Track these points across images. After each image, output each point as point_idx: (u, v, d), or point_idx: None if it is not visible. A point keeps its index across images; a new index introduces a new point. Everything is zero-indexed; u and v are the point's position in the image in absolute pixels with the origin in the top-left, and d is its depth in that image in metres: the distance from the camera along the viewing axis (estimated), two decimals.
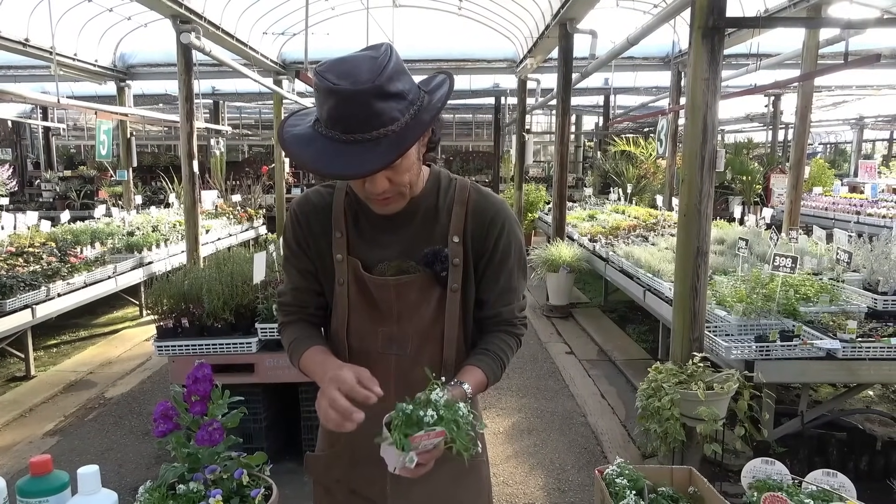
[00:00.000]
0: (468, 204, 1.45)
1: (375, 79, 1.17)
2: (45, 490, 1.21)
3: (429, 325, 1.43)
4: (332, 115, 1.19)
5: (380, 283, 1.42)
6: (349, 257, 1.44)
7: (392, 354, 1.44)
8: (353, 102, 1.17)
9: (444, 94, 1.28)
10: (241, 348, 3.67)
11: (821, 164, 13.72)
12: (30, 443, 4.22)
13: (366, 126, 1.18)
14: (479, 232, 1.44)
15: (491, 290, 1.47)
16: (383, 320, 1.44)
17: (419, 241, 1.43)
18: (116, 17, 9.24)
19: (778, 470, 1.51)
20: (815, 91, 7.03)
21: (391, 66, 1.20)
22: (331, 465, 1.54)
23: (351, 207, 1.47)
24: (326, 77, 1.18)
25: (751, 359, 3.46)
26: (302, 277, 1.51)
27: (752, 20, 3.67)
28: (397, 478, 1.39)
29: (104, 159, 9.64)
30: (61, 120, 17.15)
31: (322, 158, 1.20)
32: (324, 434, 1.59)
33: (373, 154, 1.18)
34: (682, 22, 8.83)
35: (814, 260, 4.87)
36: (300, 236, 1.49)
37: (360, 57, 1.23)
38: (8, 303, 4.94)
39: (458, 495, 1.50)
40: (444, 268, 1.40)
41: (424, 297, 1.43)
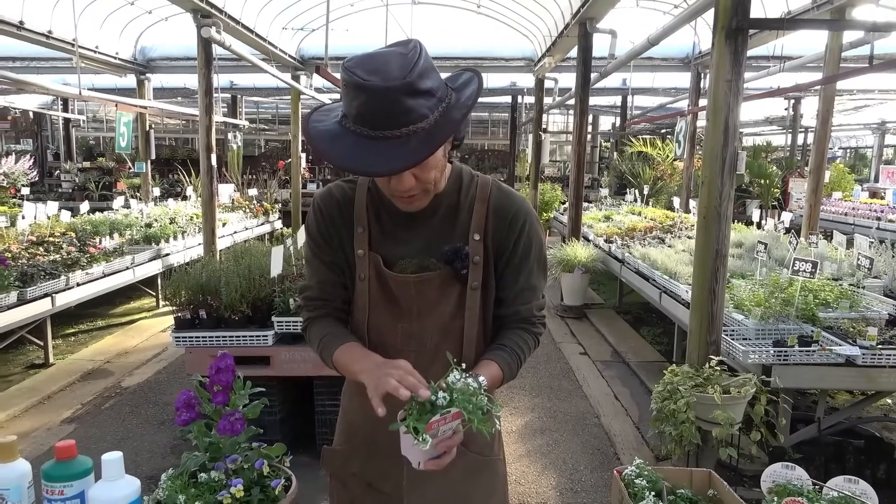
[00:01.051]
0: (489, 201, 1.44)
1: (406, 76, 1.16)
2: (69, 475, 1.23)
3: (448, 321, 1.43)
4: (361, 112, 1.18)
5: (400, 280, 1.42)
6: (370, 253, 1.44)
7: (411, 351, 1.43)
8: (383, 99, 1.16)
9: (473, 91, 1.27)
10: (258, 341, 3.70)
11: (841, 169, 13.55)
12: (48, 429, 4.28)
13: (395, 123, 1.17)
14: (500, 230, 1.43)
15: (510, 288, 1.47)
16: (403, 316, 1.44)
17: (440, 238, 1.42)
18: (138, 10, 9.33)
19: (798, 475, 1.49)
20: (836, 94, 6.93)
21: (421, 63, 1.19)
22: (348, 458, 1.55)
23: (373, 203, 1.47)
24: (356, 73, 1.17)
25: (768, 363, 3.43)
26: (329, 270, 1.50)
27: (776, 22, 3.63)
28: (413, 473, 1.40)
29: (124, 151, 9.74)
30: (81, 112, 17.32)
31: (350, 155, 1.20)
32: (342, 428, 1.59)
33: (402, 151, 1.18)
34: (704, 23, 8.77)
35: (834, 265, 4.82)
36: (324, 229, 1.49)
37: (390, 53, 1.22)
38: (29, 291, 5.00)
39: (472, 492, 1.50)
40: (464, 265, 1.40)
41: (444, 295, 1.42)
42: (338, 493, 1.59)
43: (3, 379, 5.27)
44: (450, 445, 1.18)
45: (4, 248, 5.80)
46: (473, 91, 1.27)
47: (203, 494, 1.23)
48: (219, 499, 1.22)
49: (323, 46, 8.05)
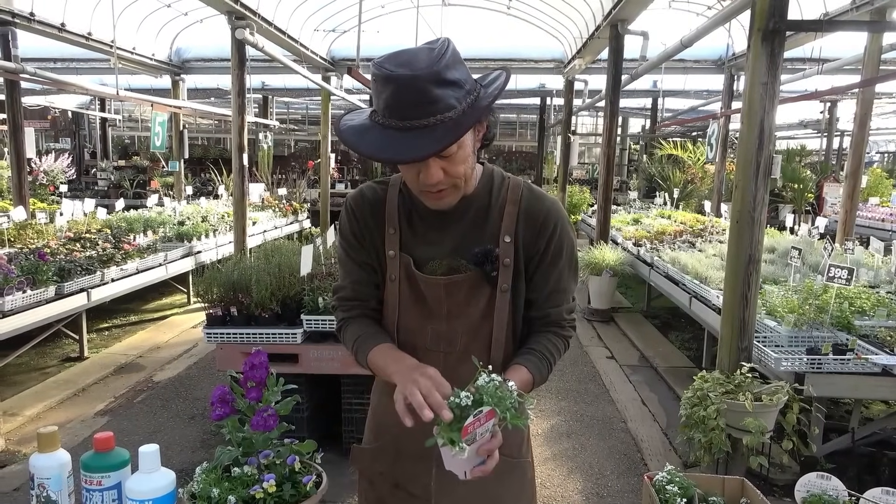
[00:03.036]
0: (521, 203, 1.44)
1: (433, 65, 1.19)
2: (107, 466, 1.26)
3: (477, 323, 1.43)
4: (389, 103, 1.21)
5: (430, 281, 1.42)
6: (401, 254, 1.45)
7: (440, 351, 1.44)
8: (410, 88, 1.18)
9: (500, 83, 1.29)
10: (287, 338, 3.74)
11: (878, 174, 13.22)
12: (82, 421, 4.38)
13: (423, 112, 1.19)
14: (530, 232, 1.43)
15: (541, 291, 1.46)
16: (433, 317, 1.44)
17: (470, 239, 1.42)
18: (174, 12, 9.51)
19: (834, 486, 1.47)
20: (874, 97, 6.78)
21: (448, 55, 1.22)
22: (376, 457, 1.55)
23: (404, 204, 1.47)
24: (384, 66, 1.20)
25: (801, 371, 3.36)
26: (363, 270, 1.51)
27: (815, 23, 3.56)
28: (442, 475, 1.39)
29: (158, 150, 9.93)
30: (117, 111, 17.72)
31: (377, 145, 1.23)
32: (371, 427, 1.60)
33: (428, 139, 1.20)
34: (738, 24, 8.63)
35: (870, 272, 4.71)
36: (357, 230, 1.50)
37: (418, 48, 1.26)
38: (66, 286, 5.13)
39: (502, 494, 1.49)
40: (494, 267, 1.40)
41: (473, 296, 1.42)
42: (365, 492, 1.60)
43: (39, 371, 5.42)
44: (490, 449, 1.17)
45: (43, 244, 5.96)
46: (500, 83, 1.29)
47: (236, 488, 1.25)
48: (251, 493, 1.24)
49: (353, 48, 8.12)
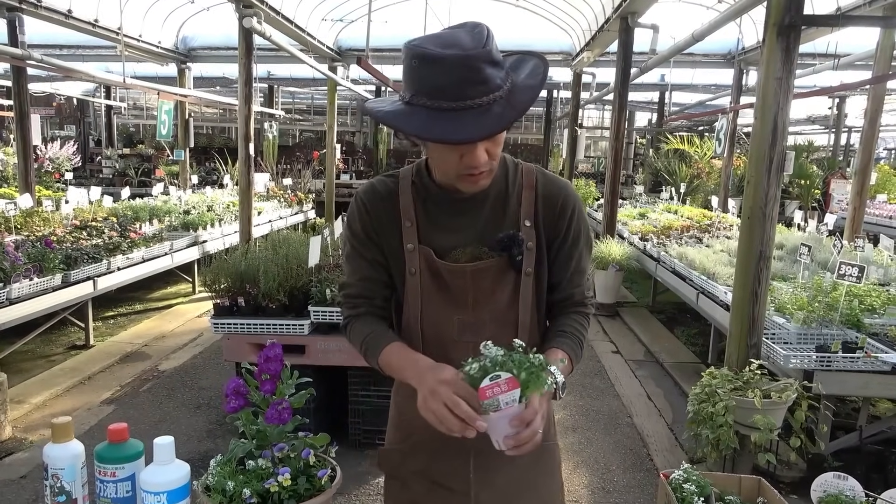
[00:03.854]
0: (537, 188, 1.45)
1: (483, 44, 1.18)
2: (121, 457, 1.25)
3: (504, 310, 1.43)
4: (441, 84, 1.18)
5: (455, 270, 1.40)
6: (420, 246, 1.42)
7: (468, 342, 1.41)
8: (464, 67, 1.17)
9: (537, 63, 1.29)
10: (294, 330, 3.73)
11: (886, 171, 13.14)
12: (88, 409, 4.39)
13: (477, 91, 1.18)
14: (550, 215, 1.44)
15: (563, 273, 1.48)
16: (458, 308, 1.43)
17: (491, 226, 1.42)
18: (181, 0, 9.46)
19: (851, 486, 1.45)
20: (885, 94, 6.71)
21: (491, 36, 1.21)
22: (408, 457, 1.52)
23: (419, 195, 1.45)
24: (428, 48, 1.18)
25: (810, 369, 3.35)
26: (371, 268, 1.48)
27: (831, 18, 3.53)
28: (481, 466, 1.42)
29: (164, 138, 9.92)
30: (122, 99, 17.69)
31: (431, 127, 1.19)
32: (398, 426, 1.57)
33: (488, 117, 1.18)
34: (748, 19, 8.57)
35: (880, 270, 4.68)
36: (368, 226, 1.46)
37: (456, 31, 1.24)
38: (72, 274, 5.13)
39: (537, 478, 1.51)
40: (519, 251, 1.40)
41: (499, 283, 1.41)
42: (398, 494, 1.56)
43: (46, 359, 5.43)
44: (524, 419, 1.15)
45: (50, 232, 5.96)
46: (537, 63, 1.29)
47: (251, 481, 1.25)
48: (266, 486, 1.23)
49: (360, 38, 8.08)
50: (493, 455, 1.33)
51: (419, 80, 1.21)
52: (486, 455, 1.41)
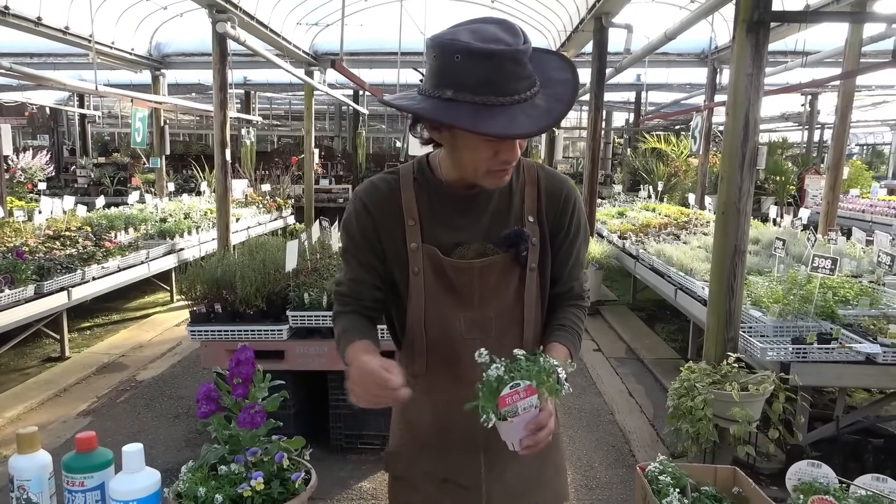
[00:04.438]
0: (539, 183, 1.46)
1: (524, 40, 1.19)
2: (89, 466, 1.23)
3: (510, 306, 1.43)
4: (488, 78, 1.16)
5: (462, 268, 1.39)
6: (424, 245, 1.41)
7: (475, 339, 1.40)
8: (513, 62, 1.17)
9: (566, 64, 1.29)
10: (272, 335, 3.70)
11: (858, 166, 13.41)
12: (64, 422, 4.31)
13: (523, 85, 1.19)
14: (553, 211, 1.45)
15: (564, 267, 1.50)
16: (464, 305, 1.42)
17: (496, 223, 1.42)
18: (153, 6, 9.37)
19: (824, 473, 1.47)
20: (855, 90, 6.83)
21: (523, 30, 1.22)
22: (416, 458, 1.51)
23: (422, 192, 1.43)
24: (473, 43, 1.17)
25: (787, 361, 3.39)
26: (362, 269, 1.47)
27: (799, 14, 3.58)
28: (491, 462, 1.44)
29: (139, 146, 9.79)
30: (97, 108, 17.45)
31: (487, 122, 1.17)
32: (403, 428, 1.55)
33: (537, 112, 1.18)
34: (720, 18, 8.68)
35: (853, 262, 4.76)
36: (367, 227, 1.44)
37: (484, 26, 1.23)
38: (45, 285, 5.04)
39: (545, 471, 1.52)
40: (525, 247, 1.40)
41: (505, 279, 1.42)
42: (406, 495, 1.55)
43: (20, 372, 5.33)
44: (539, 423, 1.18)
45: (22, 243, 5.86)
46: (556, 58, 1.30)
47: (223, 487, 1.23)
48: (239, 491, 1.21)
49: (336, 42, 8.04)
50: (503, 451, 1.36)
51: (462, 75, 1.18)
52: (497, 451, 1.42)
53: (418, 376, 1.45)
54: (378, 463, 3.72)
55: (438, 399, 1.46)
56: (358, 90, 13.90)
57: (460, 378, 1.41)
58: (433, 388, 1.45)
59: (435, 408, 1.47)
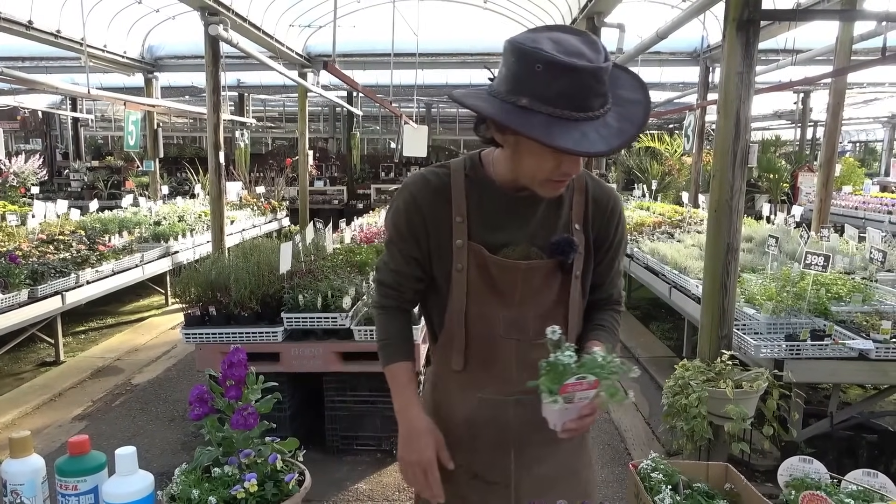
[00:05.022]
0: (587, 192, 1.47)
1: (606, 57, 1.18)
2: (82, 470, 1.23)
3: (549, 309, 1.44)
4: (567, 92, 1.16)
5: (508, 267, 1.40)
6: (470, 242, 1.41)
7: (512, 339, 1.43)
8: (593, 79, 1.16)
9: (638, 84, 1.29)
10: (267, 337, 3.70)
11: (851, 163, 13.47)
12: (59, 426, 4.30)
13: (598, 102, 1.18)
14: (600, 219, 1.47)
15: (606, 274, 1.53)
16: (504, 305, 1.43)
17: (543, 227, 1.43)
18: (145, 9, 9.33)
19: (816, 468, 1.48)
20: (846, 88, 6.86)
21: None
22: (449, 451, 1.52)
23: (473, 190, 1.43)
24: (556, 55, 1.15)
25: (780, 357, 3.40)
26: (405, 262, 1.48)
27: (788, 13, 3.60)
28: (522, 459, 1.47)
29: (132, 149, 9.77)
30: (89, 111, 17.38)
31: (560, 135, 1.16)
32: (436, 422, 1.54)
33: (609, 130, 1.18)
34: (712, 16, 8.71)
35: (846, 259, 4.78)
36: (414, 221, 1.44)
37: (566, 36, 1.21)
38: (39, 289, 5.02)
39: (577, 465, 1.54)
40: (573, 255, 1.42)
41: (547, 283, 1.43)
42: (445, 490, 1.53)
43: (14, 377, 5.31)
44: (586, 414, 1.24)
45: (15, 247, 5.83)
46: (630, 77, 1.29)
47: (217, 489, 1.23)
48: (233, 493, 1.21)
49: (329, 43, 8.03)
50: (534, 447, 1.44)
51: (540, 85, 1.17)
52: (527, 447, 1.47)
53: (455, 372, 1.47)
54: (374, 464, 3.72)
55: (472, 395, 1.48)
56: (352, 91, 13.89)
57: (495, 376, 1.45)
58: (468, 384, 1.48)
59: (468, 404, 1.49)
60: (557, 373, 1.19)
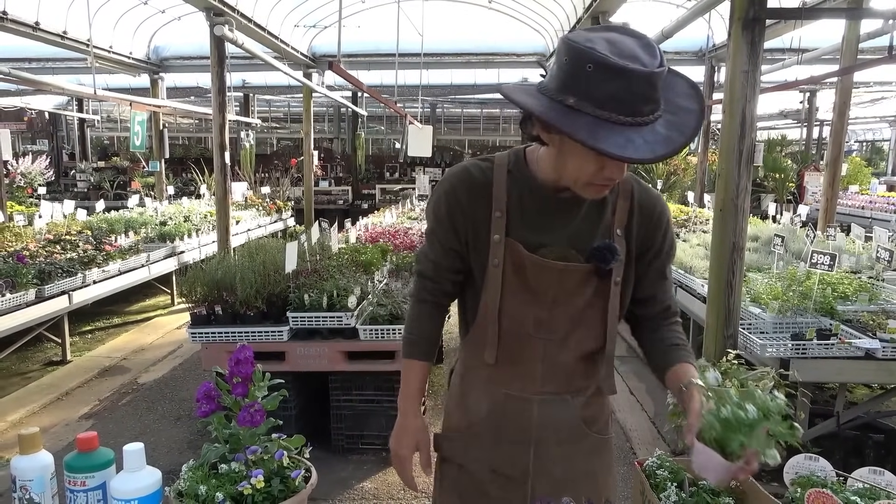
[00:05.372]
0: (633, 198, 1.43)
1: (661, 62, 1.15)
2: (91, 466, 1.23)
3: (580, 311, 1.43)
4: (617, 96, 1.13)
5: (545, 266, 1.39)
6: (507, 238, 1.40)
7: (541, 338, 1.43)
8: (646, 84, 1.13)
9: (694, 93, 1.25)
10: (273, 336, 3.71)
11: (857, 162, 13.40)
12: (66, 425, 4.32)
13: (648, 109, 1.15)
14: (645, 227, 1.44)
15: (659, 285, 1.50)
16: (537, 304, 1.42)
17: (583, 231, 1.41)
18: (151, 10, 9.37)
19: (822, 466, 1.48)
20: (853, 87, 6.84)
21: (661, 51, 1.19)
22: (469, 445, 1.55)
23: (515, 187, 1.41)
24: (609, 56, 1.13)
25: (786, 357, 3.39)
26: (445, 254, 1.48)
27: (794, 11, 3.59)
28: (540, 456, 1.47)
29: (138, 150, 9.81)
30: (95, 112, 17.46)
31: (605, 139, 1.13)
32: (460, 414, 1.58)
33: (656, 138, 1.15)
34: (717, 16, 8.68)
35: (852, 258, 4.76)
36: (454, 213, 1.44)
37: (623, 38, 1.18)
38: (46, 288, 5.05)
39: (595, 470, 1.53)
40: (612, 262, 1.39)
41: (582, 287, 1.41)
42: (454, 477, 1.58)
43: (22, 376, 5.34)
44: (745, 472, 1.20)
45: (22, 247, 5.86)
46: (687, 84, 1.26)
47: (224, 485, 1.23)
48: (239, 489, 1.22)
49: (334, 44, 8.05)
50: (552, 446, 1.44)
51: (590, 86, 1.14)
52: (546, 445, 1.47)
53: (484, 365, 1.48)
54: (379, 463, 3.73)
55: (497, 391, 1.49)
56: (356, 92, 13.91)
57: (521, 374, 1.46)
58: (494, 379, 1.49)
59: (493, 398, 1.50)
60: (730, 426, 1.12)
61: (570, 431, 1.47)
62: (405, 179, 14.94)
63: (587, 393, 1.50)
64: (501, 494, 1.50)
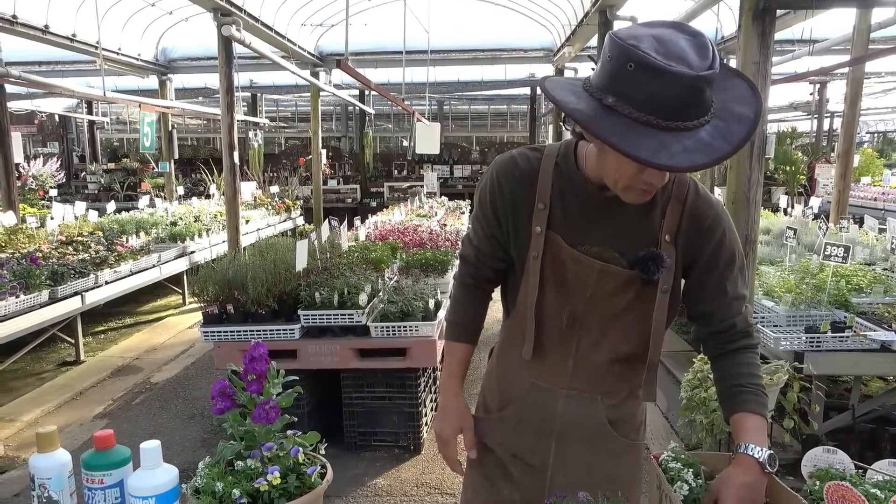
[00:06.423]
0: (686, 203, 1.36)
1: (711, 66, 1.07)
2: (108, 464, 1.24)
3: (618, 315, 1.40)
4: (656, 99, 1.06)
5: (583, 263, 1.36)
6: (548, 232, 1.38)
7: (574, 335, 1.42)
8: (689, 88, 1.05)
9: (752, 98, 1.16)
10: (284, 334, 3.72)
11: (869, 154, 13.26)
12: (81, 425, 4.36)
13: (691, 114, 1.07)
14: (694, 235, 1.36)
15: (719, 299, 1.40)
16: (572, 299, 1.40)
17: (627, 232, 1.36)
18: (158, 11, 9.42)
19: (840, 459, 1.46)
20: (864, 77, 6.77)
21: (717, 52, 1.10)
22: (495, 428, 1.57)
23: (560, 180, 1.38)
24: (651, 56, 1.05)
25: (800, 350, 3.37)
26: (488, 242, 1.49)
27: (805, 1, 3.56)
28: (561, 451, 1.48)
29: (147, 151, 9.87)
30: (105, 114, 17.58)
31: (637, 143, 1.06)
32: (492, 395, 1.60)
33: (698, 145, 1.06)
34: (726, 7, 8.63)
35: (866, 250, 4.72)
36: (498, 202, 1.42)
37: (676, 36, 1.11)
38: (59, 289, 5.09)
39: (618, 473, 1.50)
40: (657, 271, 1.34)
41: (622, 289, 1.38)
42: (488, 459, 1.59)
43: (36, 376, 5.38)
44: None
45: (35, 248, 5.91)
46: (746, 87, 1.18)
47: (240, 482, 1.24)
48: (256, 486, 1.22)
49: (341, 42, 8.07)
50: (574, 442, 1.44)
51: (630, 86, 1.08)
52: (569, 441, 1.47)
53: (517, 353, 1.49)
54: (392, 460, 3.73)
55: (525, 378, 1.50)
56: (364, 90, 13.92)
57: (551, 367, 1.46)
58: (525, 367, 1.49)
59: (521, 386, 1.51)
60: None
61: (594, 430, 1.46)
62: (413, 177, 14.93)
63: (618, 396, 1.47)
64: (522, 478, 1.52)
